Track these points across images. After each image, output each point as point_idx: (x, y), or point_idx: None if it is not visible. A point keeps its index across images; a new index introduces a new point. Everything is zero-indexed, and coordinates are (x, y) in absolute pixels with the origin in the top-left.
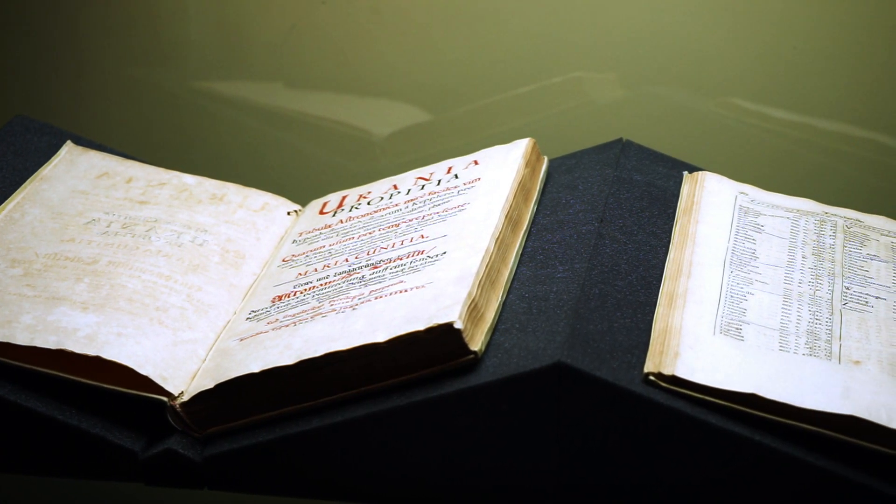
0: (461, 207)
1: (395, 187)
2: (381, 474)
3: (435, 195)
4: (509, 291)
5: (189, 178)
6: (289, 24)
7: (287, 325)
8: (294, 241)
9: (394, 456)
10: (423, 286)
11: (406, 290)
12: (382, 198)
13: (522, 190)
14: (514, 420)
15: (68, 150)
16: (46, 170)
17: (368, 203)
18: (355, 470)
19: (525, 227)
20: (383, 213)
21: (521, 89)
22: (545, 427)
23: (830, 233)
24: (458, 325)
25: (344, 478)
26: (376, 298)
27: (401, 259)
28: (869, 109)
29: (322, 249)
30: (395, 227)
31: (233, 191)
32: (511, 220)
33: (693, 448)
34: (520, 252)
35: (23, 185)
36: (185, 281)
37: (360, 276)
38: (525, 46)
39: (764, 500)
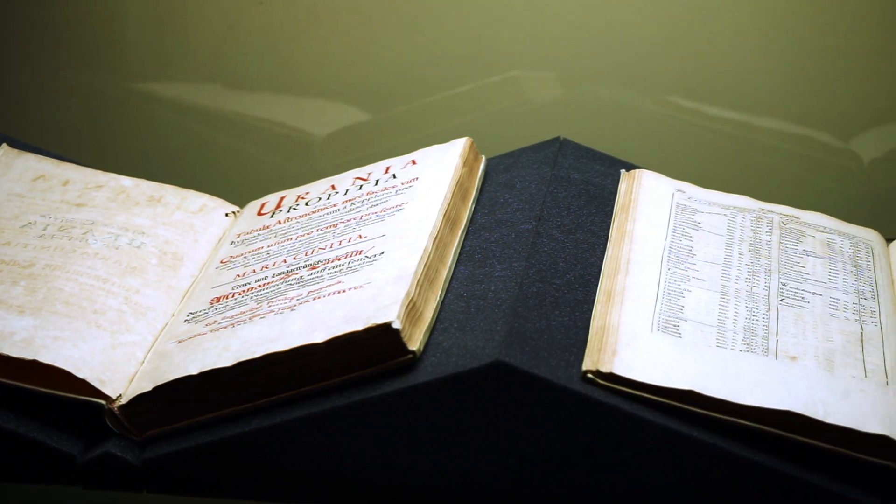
0: (399, 207)
1: (334, 188)
2: (321, 475)
3: (373, 195)
4: (448, 290)
5: (126, 181)
6: (226, 24)
7: (225, 327)
8: (232, 243)
9: (333, 456)
10: (361, 286)
11: (344, 291)
12: (321, 198)
13: (460, 189)
14: (454, 419)
15: (3, 152)
16: None
17: (306, 204)
18: (295, 471)
19: (463, 227)
20: (321, 213)
21: (459, 89)
22: (484, 426)
23: (767, 229)
24: (397, 324)
25: (284, 479)
26: (314, 299)
27: (339, 259)
28: (805, 106)
29: (260, 251)
30: (333, 228)
31: (170, 193)
32: (449, 219)
33: (631, 445)
34: (458, 251)
35: None
36: (123, 283)
37: (298, 276)
38: (462, 46)
39: (701, 496)
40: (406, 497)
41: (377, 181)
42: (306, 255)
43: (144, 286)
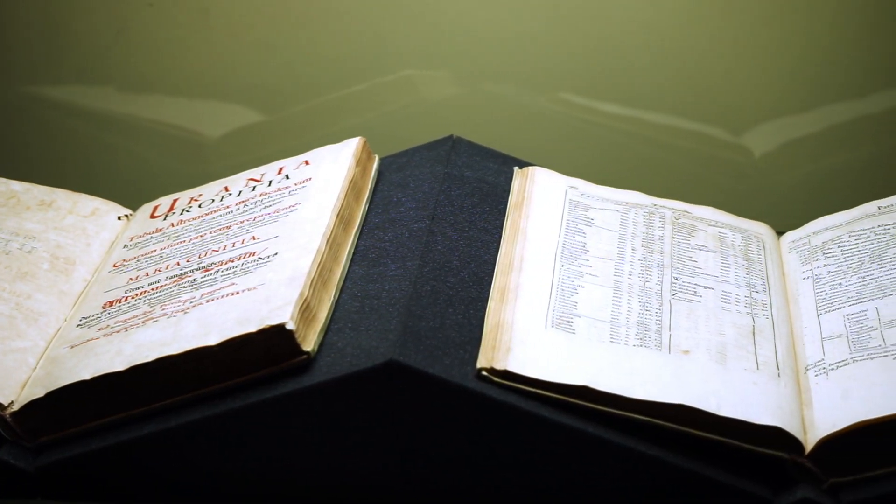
0: (292, 208)
1: (227, 189)
2: (219, 477)
3: (266, 196)
4: (342, 291)
5: (16, 185)
6: (116, 26)
7: (118, 331)
8: (125, 246)
9: (231, 458)
10: (254, 288)
11: (238, 293)
12: (213, 200)
13: (353, 189)
14: (350, 419)
15: None
16: None
17: (199, 206)
18: (193, 473)
19: (357, 226)
20: (214, 215)
21: (353, 88)
22: (380, 425)
23: (659, 224)
24: (290, 325)
25: (181, 482)
26: (208, 301)
27: (232, 261)
28: (697, 102)
29: (153, 254)
30: (226, 230)
31: (62, 197)
32: (342, 219)
33: (527, 441)
34: (352, 251)
35: None
36: (14, 289)
37: (191, 279)
38: (356, 45)
39: (597, 490)
40: (306, 497)
41: (270, 182)
42: (199, 257)
43: (36, 291)
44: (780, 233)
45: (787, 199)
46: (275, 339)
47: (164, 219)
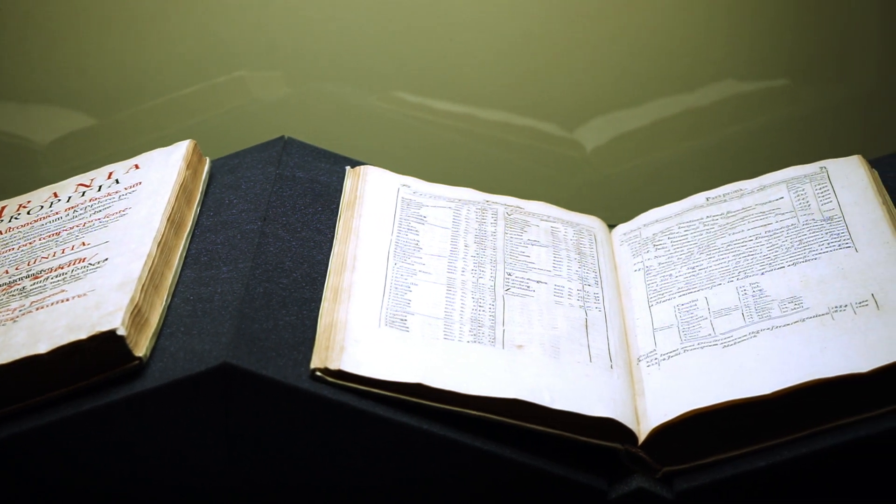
0: (123, 213)
1: (56, 195)
2: (54, 487)
3: (96, 201)
4: (174, 295)
5: None
6: None
7: None
8: None
9: (65, 467)
10: (85, 294)
11: (68, 300)
12: (42, 206)
13: (184, 192)
14: (184, 423)
15: None
16: None
17: (28, 212)
18: (27, 484)
19: (188, 229)
20: (43, 222)
21: (184, 90)
22: (216, 428)
23: (492, 220)
24: (121, 331)
25: (16, 493)
26: (38, 309)
27: (62, 268)
28: (528, 98)
29: None
30: (56, 236)
31: None
32: (174, 222)
33: (363, 440)
34: (184, 254)
35: None
36: None
37: (20, 287)
38: (186, 46)
39: (435, 487)
40: (144, 502)
41: (100, 187)
42: (28, 265)
43: None
44: (611, 226)
45: (618, 192)
46: (106, 346)
47: None
